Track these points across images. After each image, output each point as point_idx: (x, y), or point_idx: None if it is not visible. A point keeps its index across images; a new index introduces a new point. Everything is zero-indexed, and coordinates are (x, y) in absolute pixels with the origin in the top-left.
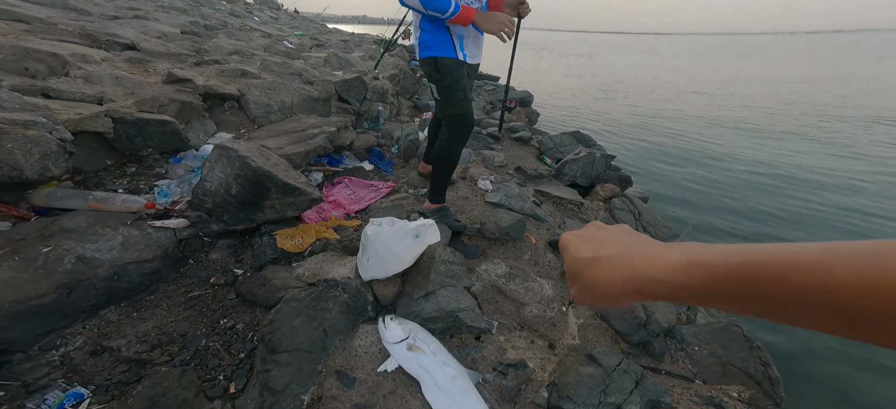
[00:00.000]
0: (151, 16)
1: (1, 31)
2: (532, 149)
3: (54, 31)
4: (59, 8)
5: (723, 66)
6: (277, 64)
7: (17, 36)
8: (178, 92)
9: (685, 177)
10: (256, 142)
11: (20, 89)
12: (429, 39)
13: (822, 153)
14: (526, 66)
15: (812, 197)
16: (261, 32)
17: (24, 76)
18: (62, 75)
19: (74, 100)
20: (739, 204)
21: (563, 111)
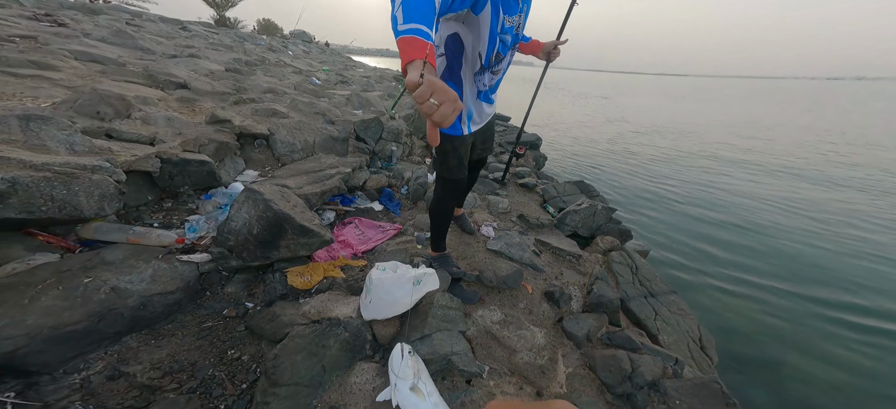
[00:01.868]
0: (203, 54)
1: (80, 73)
2: (536, 196)
3: (123, 72)
4: (130, 48)
5: (730, 110)
6: (304, 103)
7: (93, 78)
8: (218, 132)
9: (701, 235)
10: (279, 181)
11: (89, 131)
12: None
13: None
14: (537, 107)
15: None
16: (293, 69)
17: (95, 119)
18: (125, 117)
19: (132, 141)
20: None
21: (572, 156)
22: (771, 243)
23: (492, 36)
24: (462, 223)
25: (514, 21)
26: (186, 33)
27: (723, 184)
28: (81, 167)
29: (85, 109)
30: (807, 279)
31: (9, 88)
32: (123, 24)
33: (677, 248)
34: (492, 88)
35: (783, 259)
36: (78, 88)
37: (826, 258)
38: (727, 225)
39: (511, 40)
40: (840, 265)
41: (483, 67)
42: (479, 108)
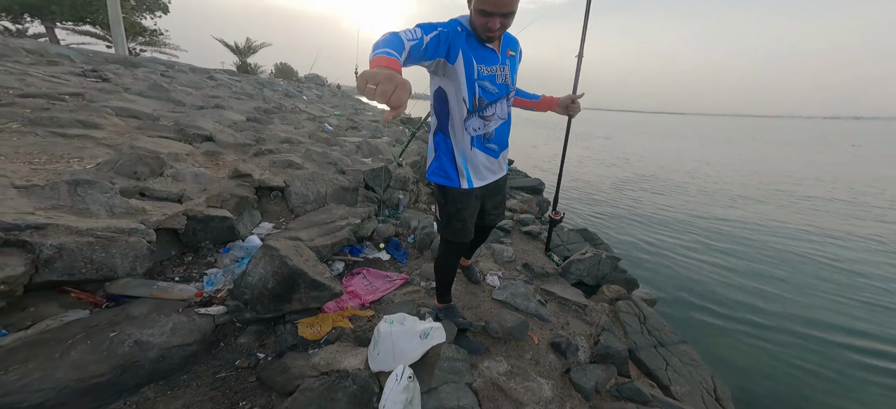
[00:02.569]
0: (226, 104)
1: (120, 129)
2: (540, 244)
3: (157, 127)
4: (164, 100)
5: (738, 151)
6: (318, 153)
7: (131, 135)
8: (239, 186)
9: (711, 282)
10: (292, 233)
11: (126, 191)
12: (436, 166)
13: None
14: (540, 150)
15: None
16: (307, 115)
17: (132, 178)
18: (158, 175)
19: (162, 199)
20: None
21: (576, 201)
22: (786, 287)
23: (469, 82)
24: (469, 273)
25: (493, 71)
26: (213, 82)
27: (733, 229)
28: (120, 231)
29: (124, 170)
30: (827, 324)
31: (59, 150)
32: (159, 77)
33: (686, 296)
34: (492, 138)
35: (800, 303)
36: (118, 146)
37: (846, 301)
38: (738, 271)
39: (497, 90)
40: (862, 309)
41: (469, 112)
42: (477, 159)
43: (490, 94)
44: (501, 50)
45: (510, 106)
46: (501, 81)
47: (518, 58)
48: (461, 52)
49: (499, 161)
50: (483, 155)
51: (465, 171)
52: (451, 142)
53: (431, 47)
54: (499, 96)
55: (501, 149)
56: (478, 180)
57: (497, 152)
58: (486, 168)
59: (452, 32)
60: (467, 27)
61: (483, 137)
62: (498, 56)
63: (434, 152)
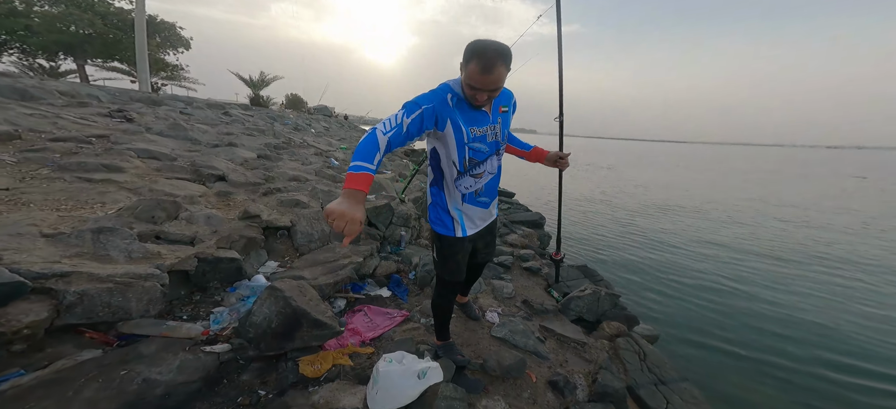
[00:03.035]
0: (239, 141)
1: (141, 172)
2: (540, 280)
3: (174, 168)
4: (182, 139)
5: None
6: (323, 192)
7: (151, 178)
8: (248, 227)
9: (715, 318)
10: (297, 272)
11: (144, 235)
12: (433, 216)
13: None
14: (540, 182)
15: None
16: (314, 149)
17: (150, 223)
18: (174, 219)
19: (176, 242)
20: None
21: (577, 235)
22: (795, 323)
23: (460, 146)
24: (467, 310)
25: (484, 131)
26: (227, 119)
27: (739, 265)
28: (137, 276)
29: (143, 215)
30: (837, 364)
31: (84, 195)
32: (178, 114)
33: (689, 332)
34: (482, 192)
35: (808, 340)
36: (138, 189)
37: (860, 337)
38: (742, 308)
39: (488, 148)
40: (874, 344)
41: (460, 173)
42: (470, 212)
43: (481, 153)
44: (493, 109)
45: (501, 159)
46: (492, 138)
47: (511, 111)
48: (450, 121)
49: (485, 212)
50: (475, 208)
51: (459, 221)
52: (444, 196)
53: (414, 128)
54: (489, 153)
55: (491, 199)
56: (471, 229)
57: (488, 204)
58: (479, 219)
59: (439, 104)
60: (459, 93)
61: (474, 193)
62: (489, 117)
63: (431, 201)
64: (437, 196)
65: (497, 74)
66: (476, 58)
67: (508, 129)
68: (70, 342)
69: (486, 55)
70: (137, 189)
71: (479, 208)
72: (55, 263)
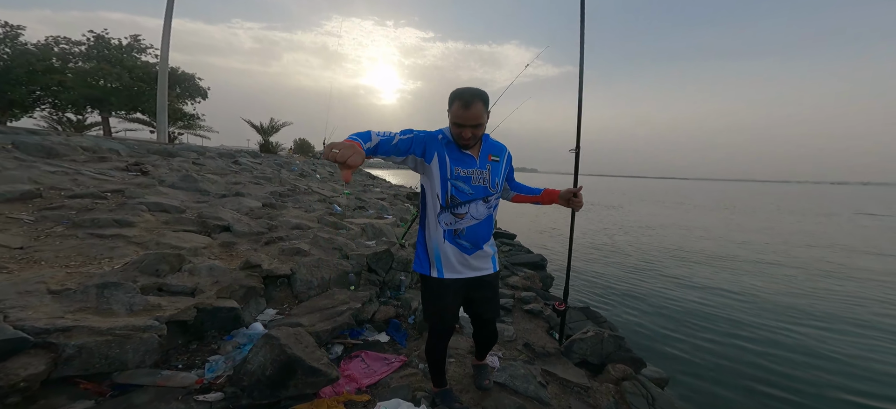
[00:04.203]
0: (246, 191)
1: (151, 226)
2: (542, 322)
3: (182, 220)
4: (192, 191)
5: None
6: (324, 240)
7: (159, 231)
8: (248, 277)
9: (728, 359)
10: (295, 319)
11: (147, 287)
12: (416, 255)
13: None
14: (541, 222)
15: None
16: (318, 196)
17: (153, 276)
18: (177, 271)
19: (177, 293)
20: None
21: (580, 276)
22: (811, 366)
23: (443, 180)
24: (477, 378)
25: (470, 173)
26: (236, 168)
27: (752, 304)
28: (135, 328)
29: (148, 269)
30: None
31: (94, 251)
32: (190, 165)
33: (700, 374)
34: (463, 234)
35: (827, 382)
36: (146, 243)
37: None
38: (758, 350)
39: (472, 190)
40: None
41: (442, 207)
42: (449, 252)
43: (464, 193)
44: (481, 155)
45: (491, 209)
46: (479, 183)
47: (504, 162)
48: (437, 154)
49: (472, 259)
50: (454, 249)
51: (435, 261)
52: (425, 233)
53: (403, 145)
54: (474, 197)
55: (475, 248)
56: (449, 272)
57: (469, 250)
58: (459, 262)
59: (431, 139)
60: (448, 136)
61: (454, 232)
62: (476, 161)
63: (416, 239)
64: (420, 234)
65: (476, 110)
66: (458, 98)
67: (500, 178)
68: (65, 394)
69: (465, 95)
70: (145, 243)
71: (460, 250)
72: (58, 318)
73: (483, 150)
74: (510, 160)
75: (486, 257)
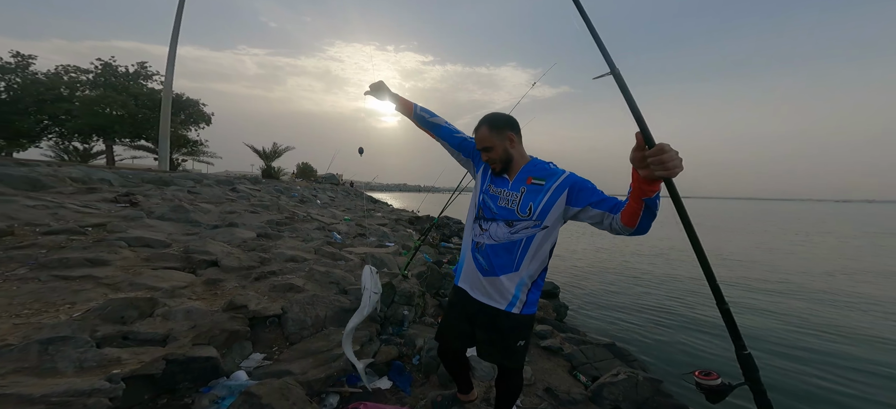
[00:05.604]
0: (241, 220)
1: (128, 263)
2: (562, 362)
3: (165, 256)
4: (182, 222)
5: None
6: (321, 273)
7: (135, 270)
8: (231, 319)
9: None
10: (284, 366)
11: (108, 338)
12: None
13: None
14: None
15: None
16: (317, 223)
17: (118, 323)
18: (148, 316)
19: (145, 342)
20: None
21: (597, 304)
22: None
23: (479, 192)
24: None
25: (498, 193)
26: (234, 195)
27: (811, 334)
28: (79, 392)
29: (111, 316)
30: None
31: (55, 295)
32: (185, 194)
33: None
34: (483, 250)
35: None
36: (118, 284)
37: None
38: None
39: (497, 211)
40: None
41: (474, 217)
42: (468, 264)
43: (490, 211)
44: (517, 177)
45: (515, 235)
46: (505, 204)
47: (552, 187)
48: (482, 168)
49: (485, 282)
50: (471, 262)
51: (460, 266)
52: (465, 237)
53: (458, 140)
54: (497, 218)
55: (490, 272)
56: (464, 282)
57: (484, 270)
58: (472, 278)
59: (479, 156)
60: None
61: (476, 244)
62: (509, 183)
63: None
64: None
65: (480, 134)
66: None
67: (538, 204)
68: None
69: (479, 121)
70: (117, 284)
71: (475, 265)
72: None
73: (521, 172)
74: (570, 185)
75: (502, 290)
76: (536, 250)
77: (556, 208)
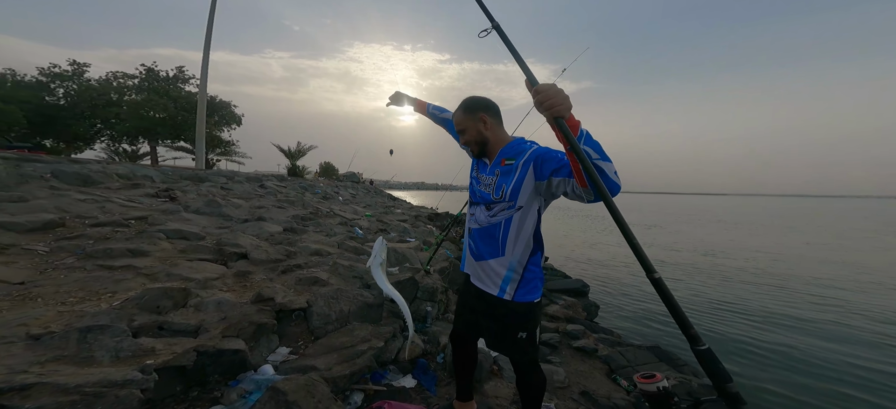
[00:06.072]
0: (268, 215)
1: (166, 254)
2: (599, 364)
3: (199, 248)
4: (215, 216)
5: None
6: (344, 267)
7: (172, 261)
8: (259, 312)
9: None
10: (309, 361)
11: (144, 327)
12: None
13: None
14: (572, 239)
15: None
16: (340, 219)
17: (154, 313)
18: (181, 307)
19: (178, 332)
20: None
21: (628, 302)
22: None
23: (469, 177)
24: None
25: (480, 177)
26: (262, 191)
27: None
28: (111, 384)
29: (148, 305)
30: None
31: (99, 284)
32: (218, 190)
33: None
34: (472, 234)
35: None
36: (156, 274)
37: None
38: None
39: (479, 195)
40: None
41: (468, 203)
42: (468, 251)
43: (475, 195)
44: (494, 161)
45: (493, 217)
46: (484, 188)
47: (520, 164)
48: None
49: (478, 266)
50: (467, 247)
51: (464, 253)
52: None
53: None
54: (480, 202)
55: (479, 257)
56: (466, 268)
57: (475, 255)
58: (469, 263)
59: None
60: None
61: (469, 229)
62: (488, 167)
63: None
64: None
65: (455, 116)
66: None
67: (510, 184)
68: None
69: None
70: (155, 274)
71: (469, 251)
72: (20, 373)
73: (499, 154)
74: (534, 158)
75: (492, 275)
76: (517, 232)
77: (527, 186)
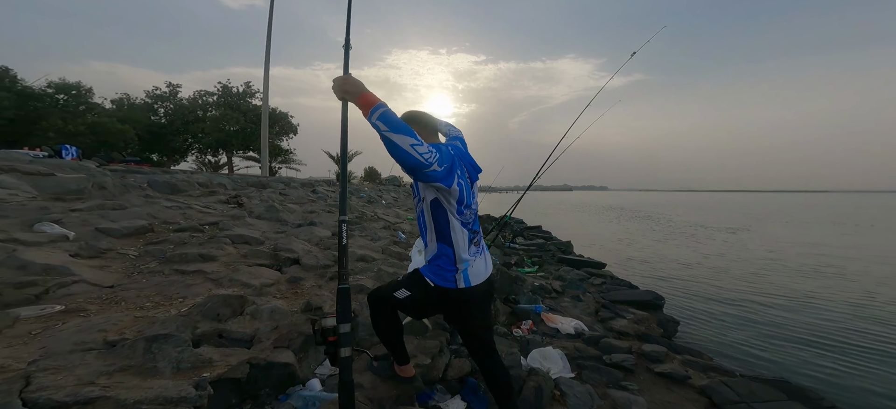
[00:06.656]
0: (319, 220)
1: (231, 259)
2: (693, 394)
3: (258, 253)
4: (274, 221)
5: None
6: (388, 274)
7: (234, 266)
8: (308, 322)
9: None
10: (355, 376)
11: (205, 335)
12: None
13: None
14: (631, 240)
15: None
16: (383, 223)
17: (214, 321)
18: (239, 315)
19: (237, 341)
20: None
21: (714, 320)
22: None
23: None
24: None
25: None
26: (313, 196)
27: None
28: (168, 400)
29: (210, 312)
30: None
31: (172, 289)
32: (277, 195)
33: None
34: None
35: None
36: (220, 279)
37: None
38: None
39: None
40: None
41: None
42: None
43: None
44: None
45: (417, 210)
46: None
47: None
48: None
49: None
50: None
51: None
52: None
53: None
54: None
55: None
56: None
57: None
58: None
59: None
60: None
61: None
62: None
63: None
64: None
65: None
66: None
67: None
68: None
69: None
70: (219, 279)
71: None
72: (87, 385)
73: None
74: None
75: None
76: (427, 222)
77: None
